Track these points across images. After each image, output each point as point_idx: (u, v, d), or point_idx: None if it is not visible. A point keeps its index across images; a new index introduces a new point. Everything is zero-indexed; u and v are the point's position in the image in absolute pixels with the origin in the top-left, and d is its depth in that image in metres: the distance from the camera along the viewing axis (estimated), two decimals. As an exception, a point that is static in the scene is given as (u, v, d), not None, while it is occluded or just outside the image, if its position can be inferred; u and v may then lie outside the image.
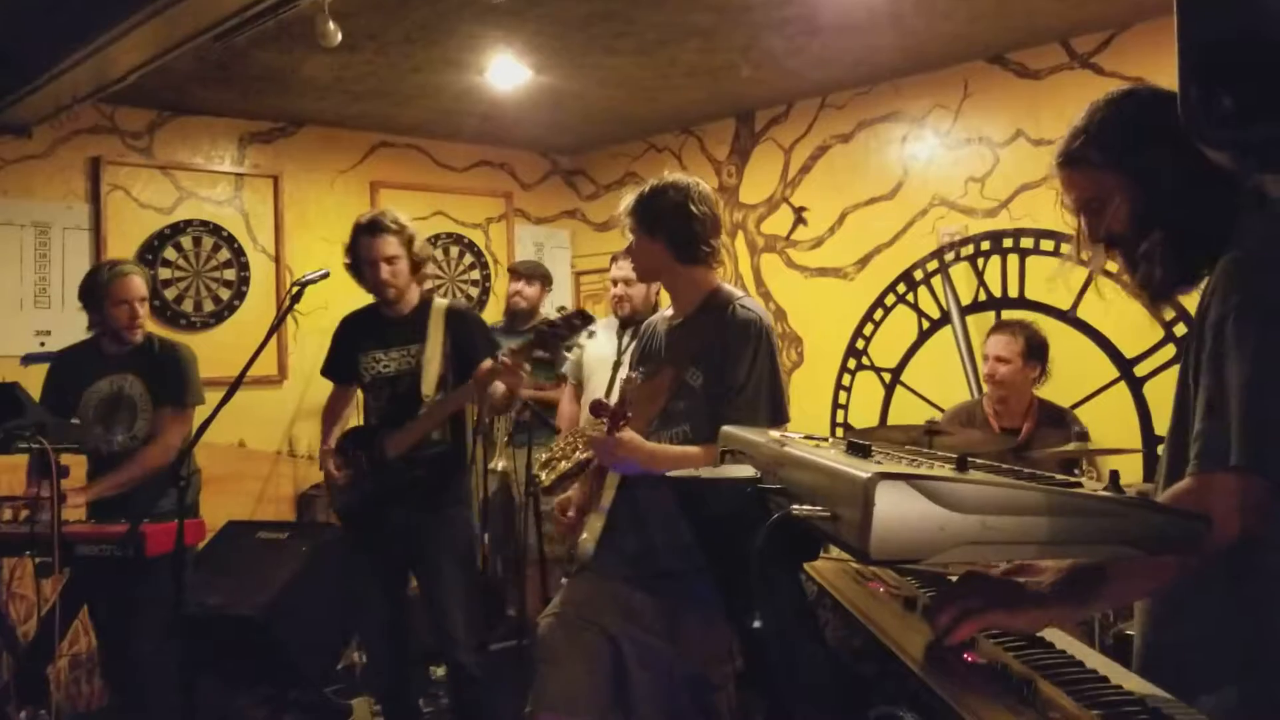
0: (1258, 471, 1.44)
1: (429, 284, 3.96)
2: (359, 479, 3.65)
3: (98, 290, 3.87)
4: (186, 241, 5.47)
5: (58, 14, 3.95)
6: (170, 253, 5.42)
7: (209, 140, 5.59)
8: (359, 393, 3.93)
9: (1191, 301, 1.64)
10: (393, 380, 3.72)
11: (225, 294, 5.60)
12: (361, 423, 3.89)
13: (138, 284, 3.90)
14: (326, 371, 3.95)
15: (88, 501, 3.79)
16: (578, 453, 4.56)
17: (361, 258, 3.70)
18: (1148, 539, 1.19)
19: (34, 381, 3.93)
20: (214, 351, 5.36)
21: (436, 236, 6.37)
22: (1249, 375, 1.44)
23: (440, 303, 3.83)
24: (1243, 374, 1.45)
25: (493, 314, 6.36)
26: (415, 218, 6.17)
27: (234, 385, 3.28)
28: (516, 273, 5.57)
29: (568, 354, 5.11)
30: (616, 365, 4.45)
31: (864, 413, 5.20)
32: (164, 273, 5.39)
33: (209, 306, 5.54)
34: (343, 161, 6.03)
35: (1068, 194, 1.76)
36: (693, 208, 2.68)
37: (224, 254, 5.59)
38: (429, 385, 3.67)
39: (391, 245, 3.68)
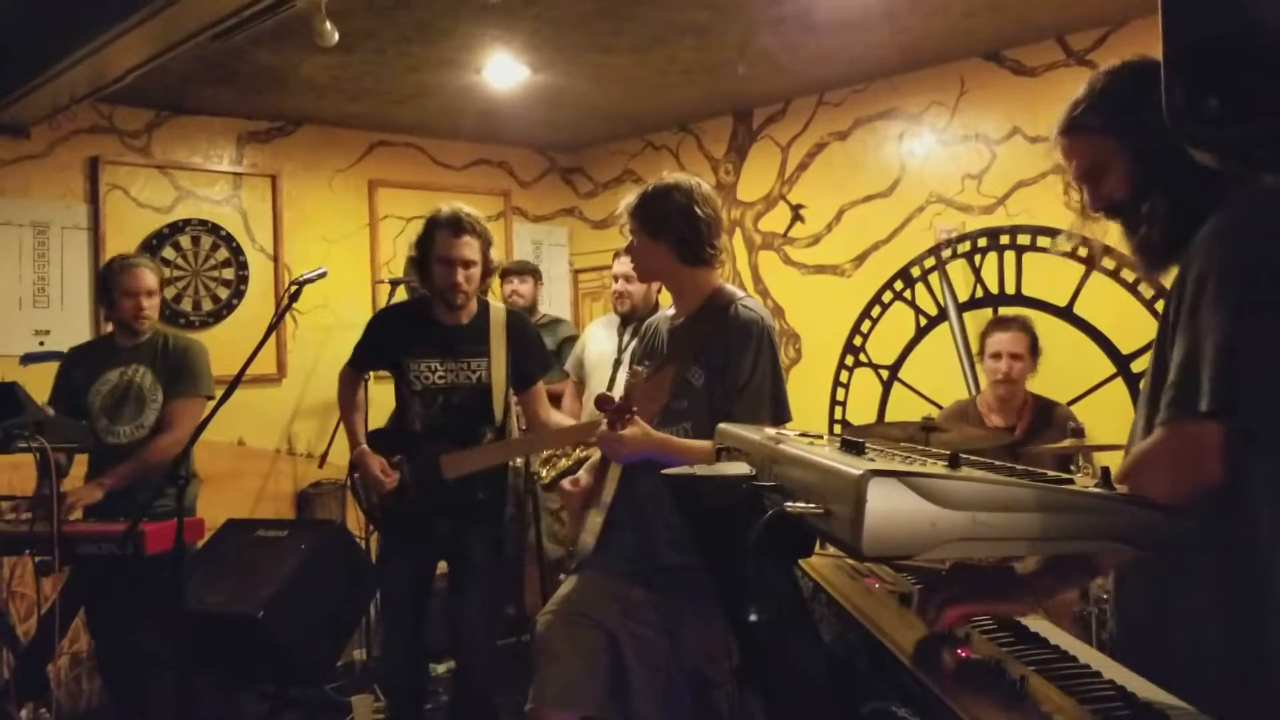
0: (1225, 419, 1.45)
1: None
2: (402, 487, 3.48)
3: (109, 281, 3.94)
4: (185, 241, 5.48)
5: (55, 14, 3.95)
6: (169, 252, 5.43)
7: (207, 140, 5.59)
8: (367, 385, 3.84)
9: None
10: (448, 391, 3.52)
11: (224, 293, 5.60)
12: (391, 422, 3.76)
13: (145, 276, 3.93)
14: (356, 363, 3.71)
15: (103, 493, 3.79)
16: (578, 449, 4.60)
17: (436, 255, 3.43)
18: (1137, 535, 1.20)
19: (33, 381, 3.94)
20: (213, 350, 5.32)
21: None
22: (1226, 329, 1.46)
23: (499, 308, 3.63)
24: (1220, 327, 1.46)
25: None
26: (414, 216, 6.24)
27: (233, 384, 3.29)
28: (508, 272, 5.58)
29: (569, 338, 5.10)
30: (617, 363, 4.47)
31: (862, 409, 5.20)
32: (163, 272, 5.40)
33: (208, 305, 5.55)
34: (341, 160, 6.04)
35: (1069, 164, 1.79)
36: (697, 209, 2.68)
37: (222, 253, 5.59)
38: (499, 407, 3.52)
39: (473, 248, 3.44)
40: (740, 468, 1.51)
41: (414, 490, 3.50)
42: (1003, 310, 4.52)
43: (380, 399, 4.07)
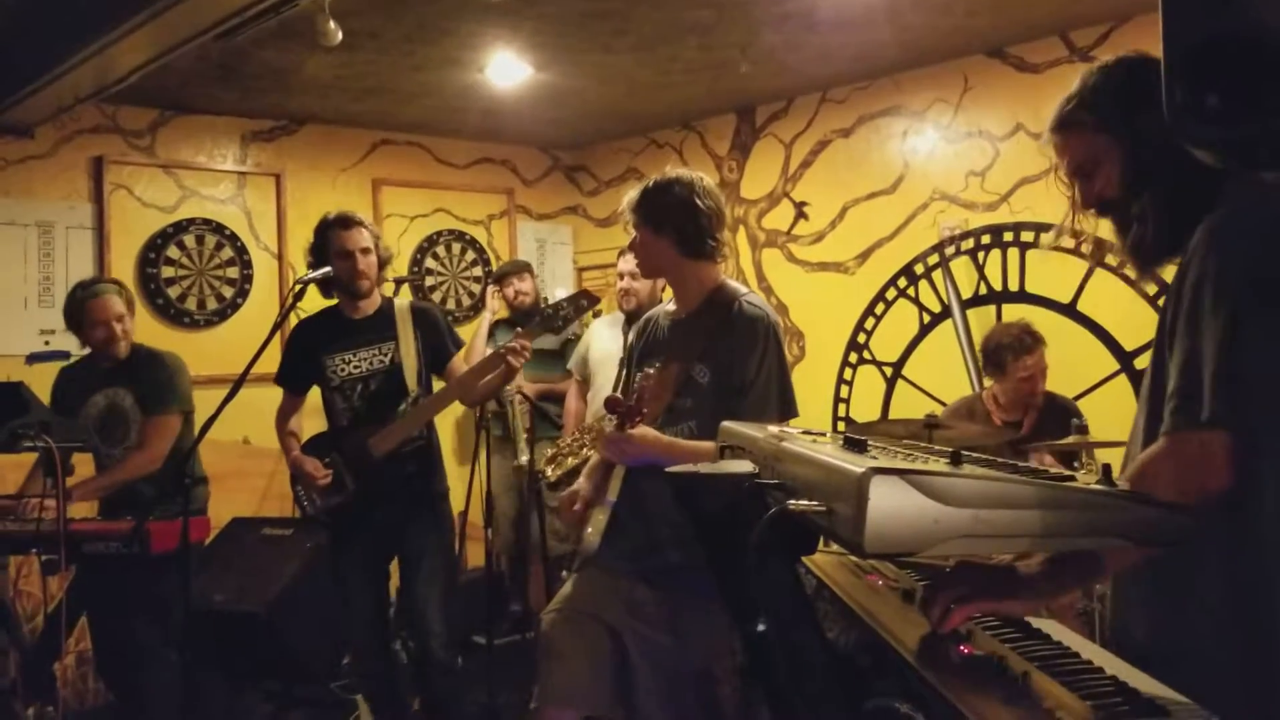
0: (1228, 428, 1.44)
1: (388, 286, 3.95)
2: (339, 482, 3.62)
3: (75, 312, 3.88)
4: (189, 240, 5.49)
5: (59, 14, 3.96)
6: (173, 251, 5.44)
7: (211, 139, 5.60)
8: (306, 401, 3.90)
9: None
10: (365, 380, 3.70)
11: (228, 292, 5.61)
12: (326, 427, 3.84)
13: (112, 303, 3.87)
14: (282, 379, 3.88)
15: (75, 502, 3.80)
16: (585, 449, 4.60)
17: (334, 251, 3.68)
18: (1139, 532, 1.20)
19: (39, 380, 3.95)
20: (217, 349, 5.38)
21: (438, 234, 6.39)
22: (1225, 333, 1.45)
23: (402, 301, 3.85)
24: (1219, 333, 1.45)
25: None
26: (417, 215, 6.26)
27: (238, 383, 3.30)
28: (506, 276, 5.59)
29: (575, 335, 5.14)
30: (623, 361, 4.47)
31: (865, 407, 5.21)
32: (167, 271, 5.41)
33: (212, 305, 5.56)
34: (344, 159, 6.05)
35: (1061, 160, 1.78)
36: (698, 202, 2.68)
37: (227, 252, 5.60)
38: (412, 380, 3.68)
39: (365, 237, 3.71)
40: (743, 466, 1.51)
41: (350, 480, 3.61)
42: (1006, 315, 4.51)
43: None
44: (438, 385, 3.82)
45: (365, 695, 4.09)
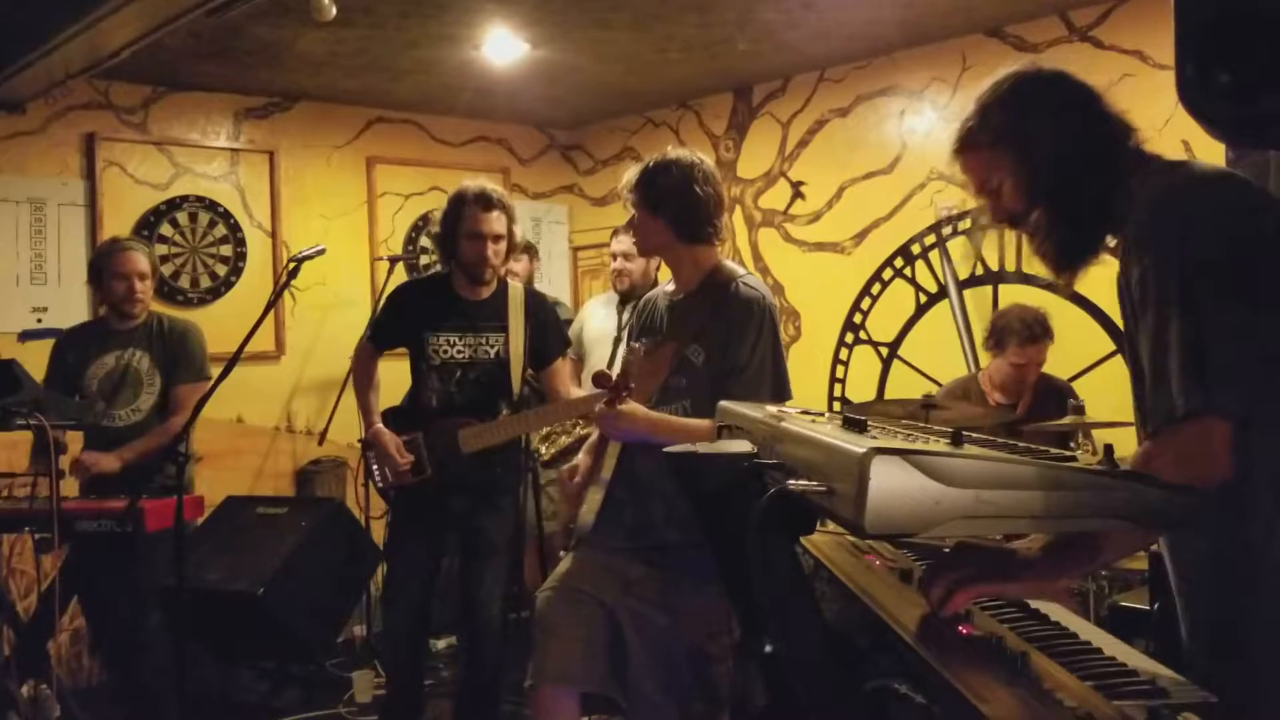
0: (1213, 414, 1.44)
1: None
2: (419, 465, 3.50)
3: (101, 263, 3.95)
4: (182, 218, 5.46)
5: (50, -12, 3.92)
6: (166, 229, 5.41)
7: (204, 116, 5.56)
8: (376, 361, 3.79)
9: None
10: (465, 367, 3.54)
11: (222, 270, 5.59)
12: (407, 400, 3.75)
13: (137, 259, 3.93)
14: (375, 338, 3.72)
15: (120, 465, 3.78)
16: (578, 427, 4.60)
17: (464, 230, 3.48)
18: (1141, 513, 1.20)
19: (31, 358, 3.93)
20: (211, 327, 5.31)
21: (433, 212, 6.35)
22: (1178, 322, 1.46)
23: (516, 286, 3.68)
24: (1172, 323, 1.46)
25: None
26: (412, 193, 6.23)
27: (231, 361, 3.28)
28: None
29: (570, 314, 5.07)
30: (617, 340, 4.47)
31: (861, 387, 5.21)
32: (160, 249, 5.37)
33: (205, 283, 5.53)
34: (339, 137, 6.01)
35: (968, 181, 1.80)
36: (697, 188, 2.67)
37: (220, 230, 5.57)
38: (516, 380, 3.54)
39: (501, 223, 3.50)
40: (742, 445, 1.50)
41: (430, 467, 3.50)
42: (1003, 296, 4.50)
43: (389, 377, 4.02)
44: None
45: (384, 670, 4.05)
